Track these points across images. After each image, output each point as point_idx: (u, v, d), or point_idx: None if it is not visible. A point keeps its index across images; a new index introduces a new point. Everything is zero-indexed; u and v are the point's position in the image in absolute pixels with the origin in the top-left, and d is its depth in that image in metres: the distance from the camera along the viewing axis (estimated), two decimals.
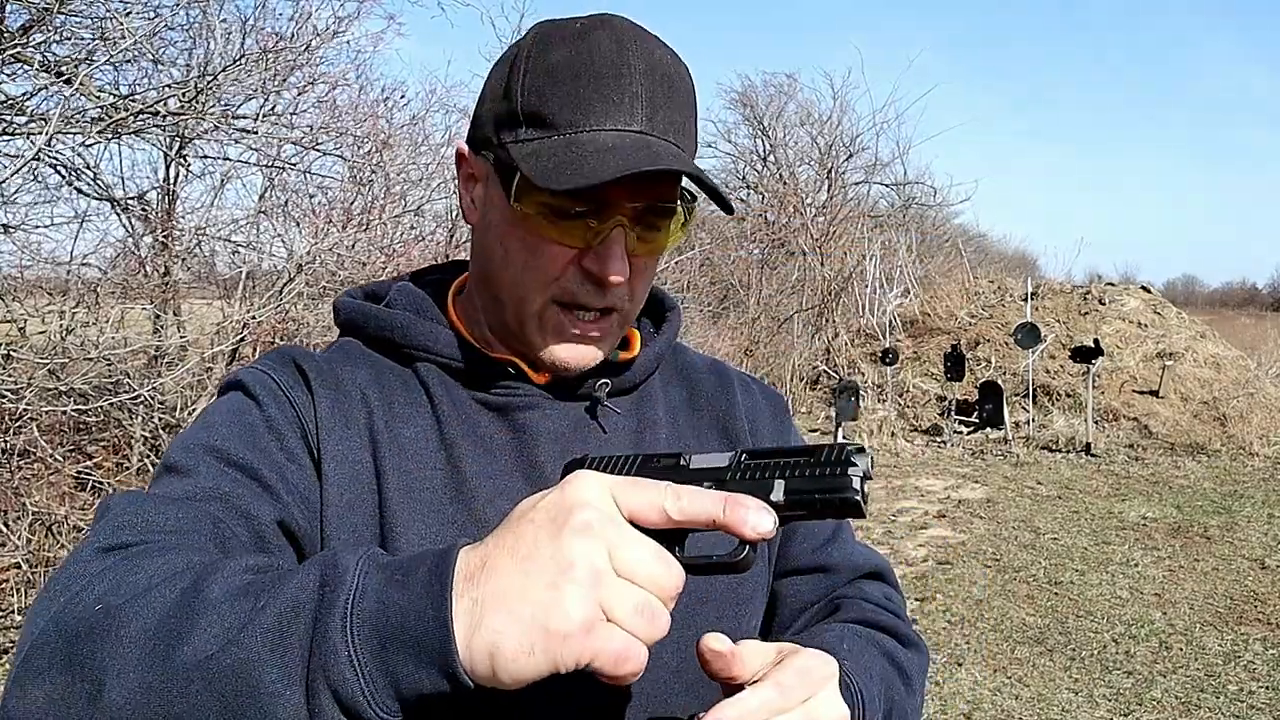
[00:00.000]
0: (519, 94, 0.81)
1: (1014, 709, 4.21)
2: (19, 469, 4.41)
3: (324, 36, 5.62)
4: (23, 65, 4.55)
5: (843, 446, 0.62)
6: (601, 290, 0.82)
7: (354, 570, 0.56)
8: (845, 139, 17.65)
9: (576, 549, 0.54)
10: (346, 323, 0.95)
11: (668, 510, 0.57)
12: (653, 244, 0.84)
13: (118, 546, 0.64)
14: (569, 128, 0.78)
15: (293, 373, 0.85)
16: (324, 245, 5.28)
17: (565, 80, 0.79)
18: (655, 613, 0.55)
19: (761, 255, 14.74)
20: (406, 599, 0.54)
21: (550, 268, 0.82)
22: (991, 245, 27.07)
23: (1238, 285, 78.72)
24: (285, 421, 0.81)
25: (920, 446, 10.41)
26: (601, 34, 0.81)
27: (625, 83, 0.79)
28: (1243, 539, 6.90)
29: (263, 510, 0.74)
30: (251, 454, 0.77)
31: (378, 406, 0.85)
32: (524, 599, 0.53)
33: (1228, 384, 10.78)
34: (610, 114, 0.79)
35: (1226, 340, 12.76)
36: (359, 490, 0.81)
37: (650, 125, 0.80)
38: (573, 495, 0.56)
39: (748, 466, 0.65)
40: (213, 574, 0.58)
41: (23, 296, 5.01)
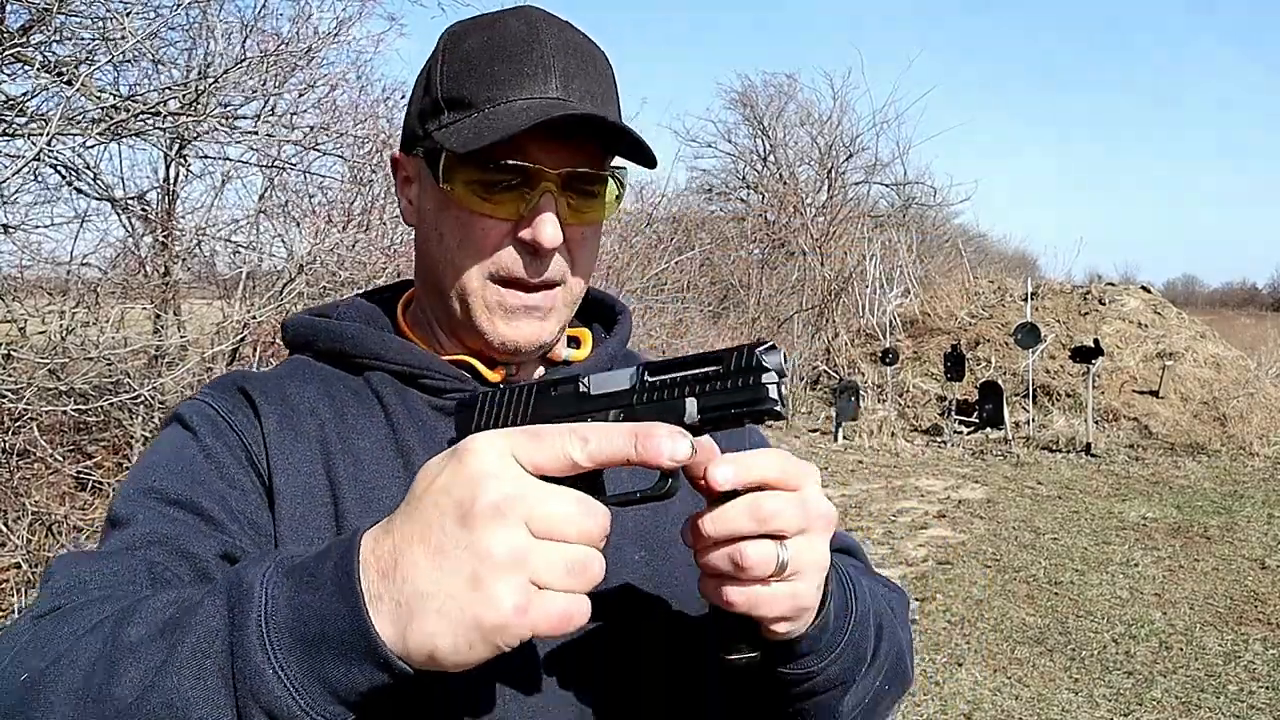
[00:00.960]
0: (438, 85, 0.84)
1: (1014, 709, 4.21)
2: (19, 469, 4.41)
3: (325, 38, 5.62)
4: (23, 65, 4.55)
5: (750, 349, 0.59)
6: (538, 259, 0.83)
7: (260, 583, 0.55)
8: (845, 139, 17.67)
9: (492, 537, 0.51)
10: (295, 339, 0.94)
11: (575, 459, 0.54)
12: (587, 214, 0.85)
13: (49, 611, 0.64)
14: (486, 103, 0.81)
15: (234, 396, 0.85)
16: (324, 245, 5.28)
17: (480, 63, 0.82)
18: (587, 563, 0.54)
19: (761, 255, 14.75)
20: (319, 600, 0.53)
21: (484, 242, 0.82)
22: (991, 245, 27.08)
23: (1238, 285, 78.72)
24: (225, 448, 0.80)
25: (920, 446, 10.41)
26: (511, 18, 0.84)
27: (537, 56, 0.81)
28: (1243, 539, 6.90)
29: (204, 546, 0.73)
30: (190, 488, 0.76)
31: (329, 419, 0.84)
32: (450, 599, 0.52)
33: (1228, 384, 10.79)
34: (524, 85, 0.81)
35: (1226, 340, 12.76)
36: (313, 503, 0.80)
37: (565, 93, 0.81)
38: (473, 469, 0.53)
39: (653, 386, 0.61)
40: (132, 616, 0.58)
41: (23, 296, 5.01)
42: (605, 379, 0.63)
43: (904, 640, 0.86)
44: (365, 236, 5.98)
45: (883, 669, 0.81)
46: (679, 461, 0.56)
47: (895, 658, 0.83)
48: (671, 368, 0.61)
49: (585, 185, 0.83)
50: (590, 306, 1.03)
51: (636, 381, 0.61)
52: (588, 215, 0.85)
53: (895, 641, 0.83)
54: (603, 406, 0.61)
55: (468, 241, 0.83)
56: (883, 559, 6.50)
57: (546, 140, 0.79)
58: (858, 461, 9.67)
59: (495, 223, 0.82)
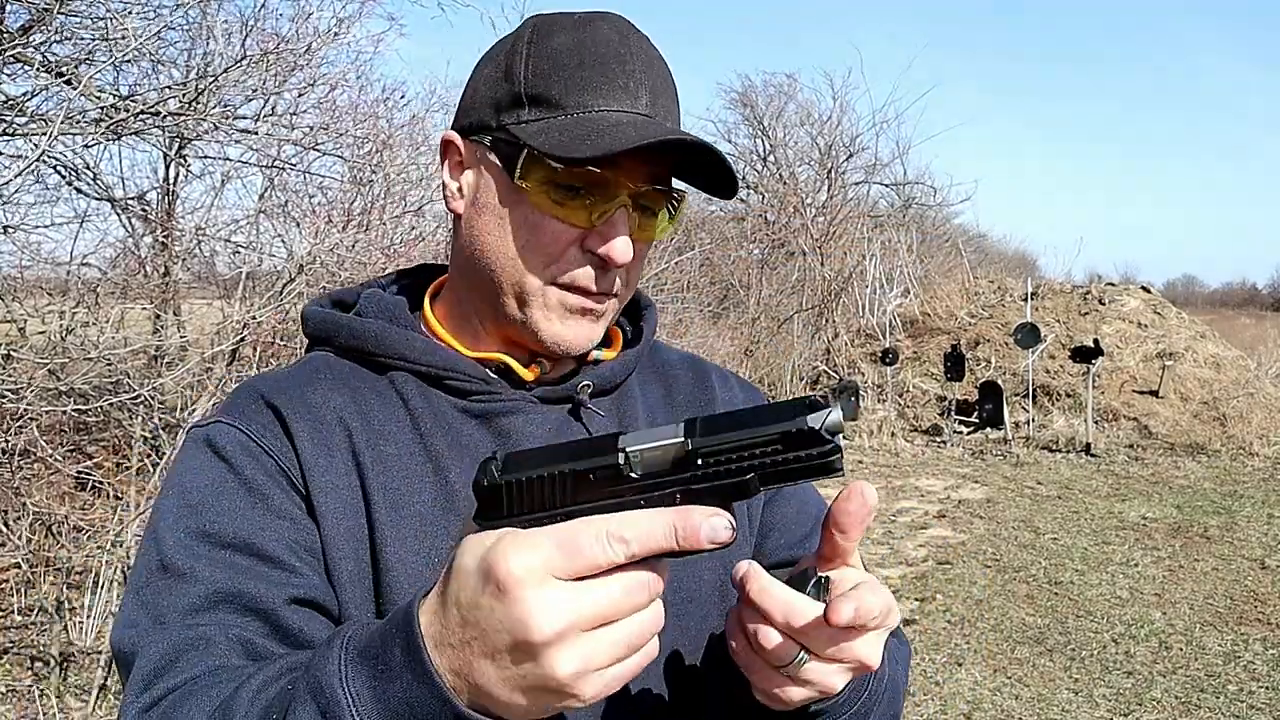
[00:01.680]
0: (521, 76, 0.81)
1: (1014, 709, 4.21)
2: (19, 469, 4.41)
3: (324, 37, 5.62)
4: (23, 65, 4.55)
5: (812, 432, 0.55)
6: (604, 271, 0.82)
7: (339, 684, 0.57)
8: (845, 139, 17.66)
9: (555, 663, 0.53)
10: (315, 333, 0.92)
11: (618, 562, 0.54)
12: (648, 231, 0.85)
13: (152, 705, 0.67)
14: (576, 108, 0.79)
15: (263, 415, 0.82)
16: (324, 246, 5.28)
17: (569, 64, 0.80)
18: (642, 633, 0.56)
19: (761, 255, 14.74)
20: (403, 690, 0.56)
21: (552, 247, 0.81)
22: (991, 245, 27.06)
23: (1238, 285, 78.71)
24: (266, 477, 0.79)
25: (920, 446, 10.41)
26: (602, 24, 0.83)
27: (629, 69, 0.81)
28: (1243, 539, 6.90)
29: (271, 593, 0.74)
30: (243, 529, 0.76)
31: (356, 427, 0.83)
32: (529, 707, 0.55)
33: (1228, 384, 10.78)
34: (616, 96, 0.80)
35: (1226, 340, 12.76)
36: (353, 517, 0.80)
37: (654, 110, 0.81)
38: (520, 609, 0.52)
39: (708, 464, 0.56)
40: (232, 712, 0.61)
41: (23, 296, 5.01)
42: (647, 448, 0.57)
43: (900, 703, 0.89)
44: (365, 236, 5.98)
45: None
46: (719, 544, 0.55)
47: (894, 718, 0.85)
48: (721, 429, 0.56)
49: (650, 203, 0.83)
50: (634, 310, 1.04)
51: (688, 455, 0.56)
52: (649, 233, 0.85)
53: (895, 704, 0.85)
54: (652, 489, 0.56)
55: (534, 243, 0.81)
56: (883, 559, 6.50)
57: (632, 155, 0.78)
58: (858, 461, 9.68)
59: (566, 228, 0.81)
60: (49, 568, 4.34)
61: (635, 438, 0.57)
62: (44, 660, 3.97)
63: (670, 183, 0.84)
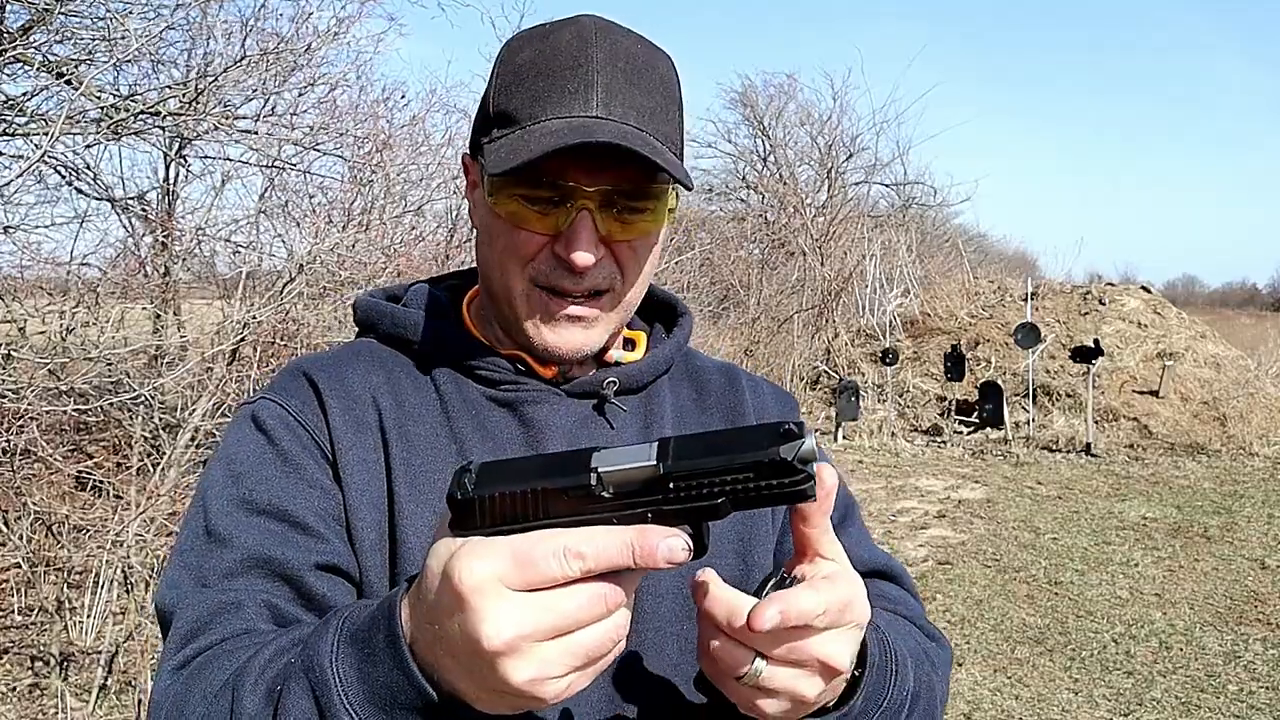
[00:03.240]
0: (491, 99, 0.86)
1: (1014, 709, 4.21)
2: (19, 469, 4.41)
3: (324, 37, 5.62)
4: (23, 65, 4.55)
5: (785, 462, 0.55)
6: (573, 274, 0.84)
7: (329, 663, 0.62)
8: (845, 139, 17.67)
9: (508, 671, 0.54)
10: (362, 320, 0.98)
11: (571, 577, 0.54)
12: (634, 226, 0.85)
13: (184, 665, 0.73)
14: (528, 120, 0.82)
15: (304, 392, 0.89)
16: (324, 245, 5.28)
17: (528, 78, 0.83)
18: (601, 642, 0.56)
19: (761, 255, 14.74)
20: (383, 674, 0.60)
21: (525, 249, 0.84)
22: (991, 245, 27.11)
23: (1238, 285, 78.74)
24: (302, 449, 0.85)
25: (920, 446, 10.41)
26: (565, 31, 0.84)
27: (582, 73, 0.82)
28: (1243, 539, 6.90)
29: (301, 559, 0.79)
30: (279, 497, 0.82)
31: (387, 406, 0.88)
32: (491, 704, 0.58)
33: (1228, 384, 10.78)
34: (564, 103, 0.81)
35: (1226, 340, 12.76)
36: (377, 488, 0.85)
37: (607, 110, 0.81)
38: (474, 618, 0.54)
39: (679, 488, 0.56)
40: (244, 680, 0.66)
41: (23, 296, 5.00)
42: (618, 469, 0.56)
43: (939, 706, 0.85)
44: (365, 236, 5.98)
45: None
46: (675, 564, 0.55)
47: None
48: (694, 454, 0.56)
49: (631, 200, 0.84)
50: (654, 307, 1.05)
51: (658, 479, 0.56)
52: (635, 228, 0.85)
53: (931, 713, 0.82)
54: (623, 509, 0.57)
55: (510, 246, 0.85)
56: None
57: (582, 161, 0.80)
58: (858, 461, 9.68)
59: (534, 235, 0.84)
60: (49, 568, 4.34)
61: (608, 457, 0.57)
62: (44, 660, 3.97)
63: (647, 179, 0.83)
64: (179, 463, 4.47)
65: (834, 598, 0.64)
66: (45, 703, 3.72)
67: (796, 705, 0.66)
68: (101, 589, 4.05)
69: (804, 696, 0.65)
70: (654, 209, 0.85)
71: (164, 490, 4.29)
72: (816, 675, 0.65)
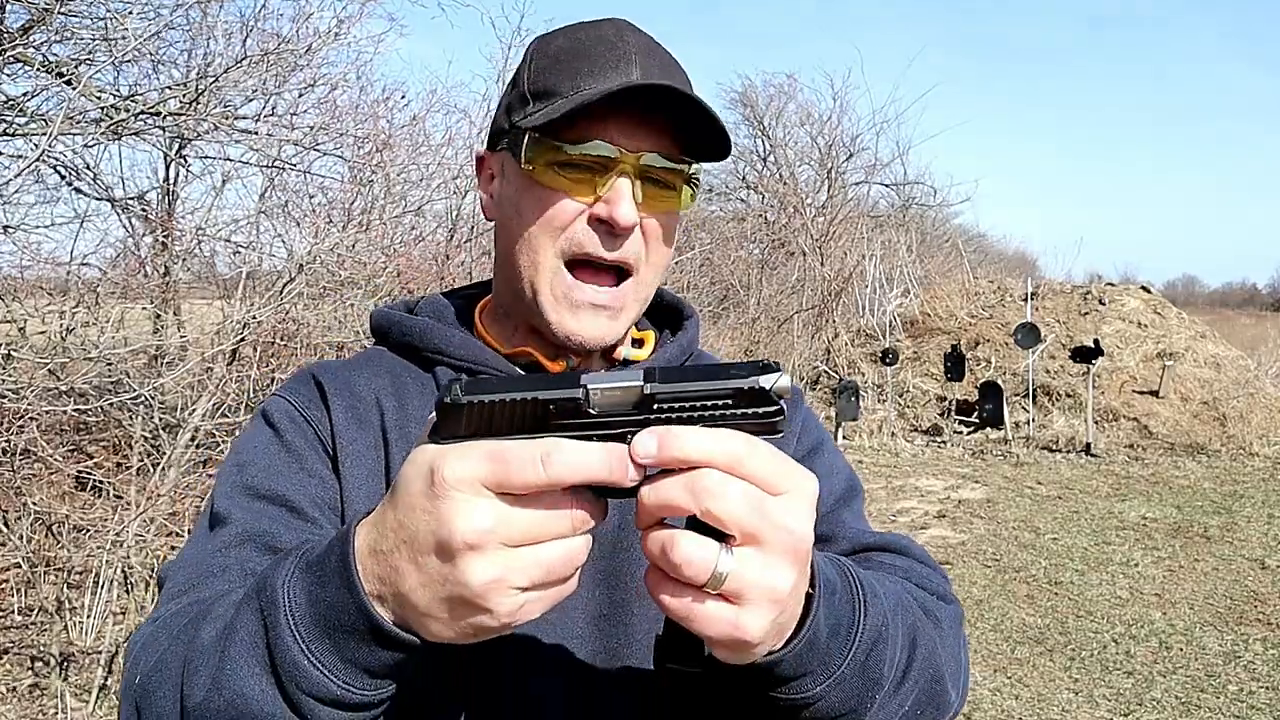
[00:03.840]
0: (526, 81, 0.89)
1: (1014, 709, 4.21)
2: (19, 469, 4.41)
3: (324, 37, 5.61)
4: (23, 65, 4.55)
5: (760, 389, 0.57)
6: (613, 238, 0.85)
7: (281, 585, 0.62)
8: (845, 139, 17.66)
9: (469, 570, 0.54)
10: (375, 329, 1.01)
11: (543, 481, 0.54)
12: (662, 203, 0.87)
13: (160, 617, 0.76)
14: (571, 90, 0.85)
15: (311, 391, 0.93)
16: (324, 245, 5.28)
17: (566, 59, 0.87)
18: (567, 557, 0.56)
19: (761, 255, 14.74)
20: (330, 594, 0.60)
21: (560, 217, 0.85)
22: (991, 245, 27.11)
23: (1238, 285, 78.77)
24: (304, 442, 0.89)
25: (920, 446, 10.41)
26: (599, 23, 0.90)
27: (619, 52, 0.86)
28: (1243, 539, 6.90)
29: (291, 536, 0.82)
30: (277, 483, 0.86)
31: (390, 408, 0.91)
32: (444, 615, 0.57)
33: (1228, 384, 10.78)
34: (607, 75, 0.85)
35: (1226, 340, 12.76)
36: (374, 484, 0.88)
37: (645, 79, 0.84)
38: (447, 508, 0.54)
39: (661, 410, 0.58)
40: (207, 616, 0.68)
41: (23, 296, 5.00)
42: (607, 386, 0.58)
43: (944, 661, 0.77)
44: (365, 236, 5.98)
45: (911, 694, 0.73)
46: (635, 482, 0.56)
47: (929, 681, 0.75)
48: (678, 380, 0.58)
49: (661, 175, 0.86)
50: (661, 311, 1.06)
51: (644, 399, 0.58)
52: (662, 204, 0.88)
53: (931, 663, 0.75)
54: (606, 428, 0.58)
55: (544, 217, 0.86)
56: None
57: (625, 125, 0.83)
58: (858, 461, 9.67)
59: (572, 201, 0.85)
60: (49, 568, 4.34)
61: (597, 378, 0.59)
62: (44, 660, 3.97)
63: (678, 155, 0.87)
64: (179, 463, 4.47)
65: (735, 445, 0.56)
66: (45, 703, 3.72)
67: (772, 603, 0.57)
68: (101, 589, 4.05)
69: (779, 591, 0.56)
70: (679, 189, 0.88)
71: (164, 490, 4.29)
72: (783, 558, 0.56)
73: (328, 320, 5.66)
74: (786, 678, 0.64)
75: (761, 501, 0.56)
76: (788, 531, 0.56)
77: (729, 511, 0.55)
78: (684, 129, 0.86)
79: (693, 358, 1.03)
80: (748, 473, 0.56)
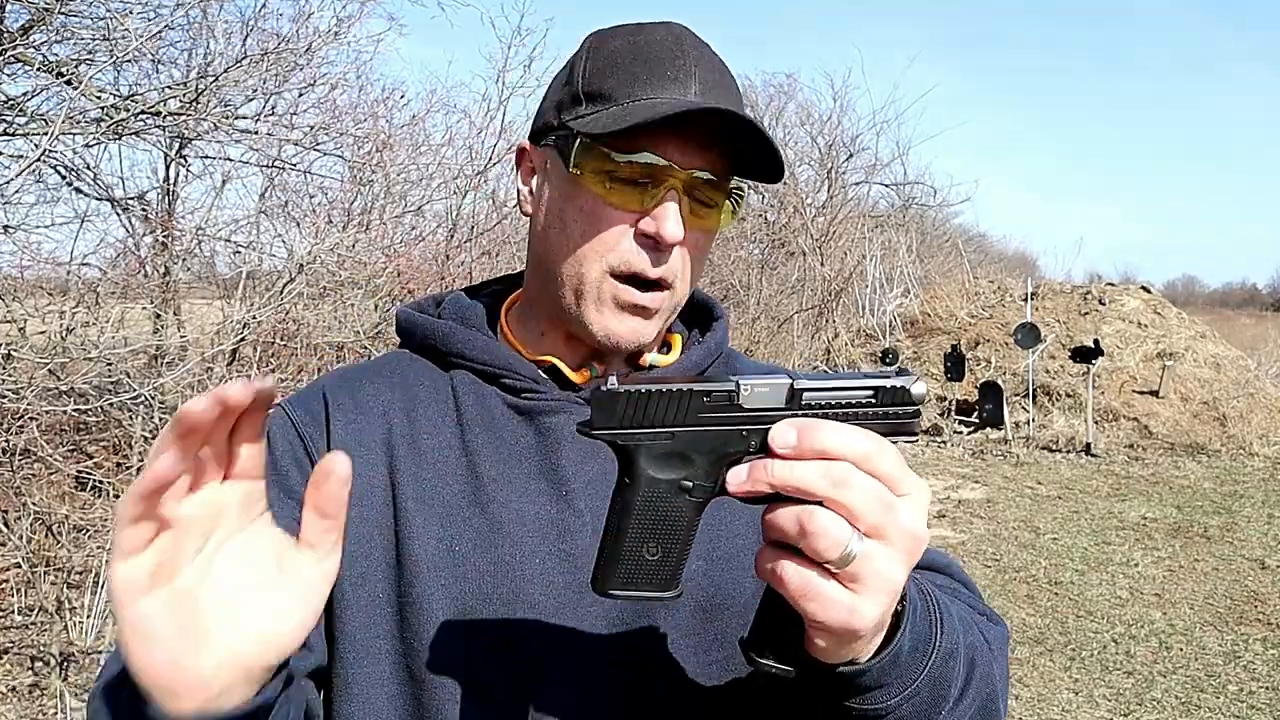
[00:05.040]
0: (580, 79, 0.87)
1: (1014, 709, 4.21)
2: (19, 469, 4.41)
3: (324, 37, 5.62)
4: (23, 65, 4.55)
5: (904, 387, 0.61)
6: (659, 253, 0.84)
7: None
8: (845, 139, 17.64)
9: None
10: (400, 331, 1.00)
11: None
12: (704, 220, 0.87)
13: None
14: (627, 98, 0.83)
15: (315, 405, 0.91)
16: (324, 245, 5.28)
17: (624, 63, 0.85)
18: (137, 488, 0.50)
19: (761, 255, 14.73)
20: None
21: (608, 234, 0.84)
22: (991, 245, 27.09)
23: (1238, 285, 78.79)
24: (290, 460, 0.87)
25: (920, 446, 10.41)
26: (659, 28, 0.88)
27: (680, 64, 0.84)
28: (1243, 539, 6.90)
29: None
30: None
31: (398, 421, 0.89)
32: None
33: (1228, 384, 10.78)
34: (665, 86, 0.83)
35: (1226, 340, 12.75)
36: (372, 503, 0.85)
37: (703, 98, 0.84)
38: None
39: (808, 406, 0.61)
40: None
41: (23, 296, 5.00)
42: (758, 382, 0.61)
43: (998, 679, 0.79)
44: (365, 236, 5.98)
45: (969, 711, 0.73)
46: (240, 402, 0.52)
47: (985, 699, 0.75)
48: (824, 389, 0.61)
49: (706, 193, 0.86)
50: (691, 309, 1.04)
51: (794, 394, 0.61)
52: (705, 221, 0.87)
53: (988, 681, 0.75)
54: (754, 422, 0.60)
55: (591, 233, 0.85)
56: None
57: (679, 141, 0.82)
58: None
59: (619, 213, 0.84)
60: (49, 568, 4.33)
61: (747, 378, 0.62)
62: (44, 660, 3.97)
63: (726, 175, 0.86)
64: None
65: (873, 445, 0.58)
66: (45, 703, 3.72)
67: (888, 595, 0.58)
68: (101, 589, 4.04)
69: (897, 584, 0.58)
70: (723, 207, 0.88)
71: None
72: (903, 556, 0.58)
73: (328, 320, 5.66)
74: (867, 688, 0.64)
75: (890, 499, 0.58)
76: (909, 532, 0.58)
77: (860, 503, 0.56)
78: (737, 150, 0.85)
79: (721, 358, 1.01)
80: (876, 469, 0.57)
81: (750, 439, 0.61)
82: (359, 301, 5.68)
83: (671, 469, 0.62)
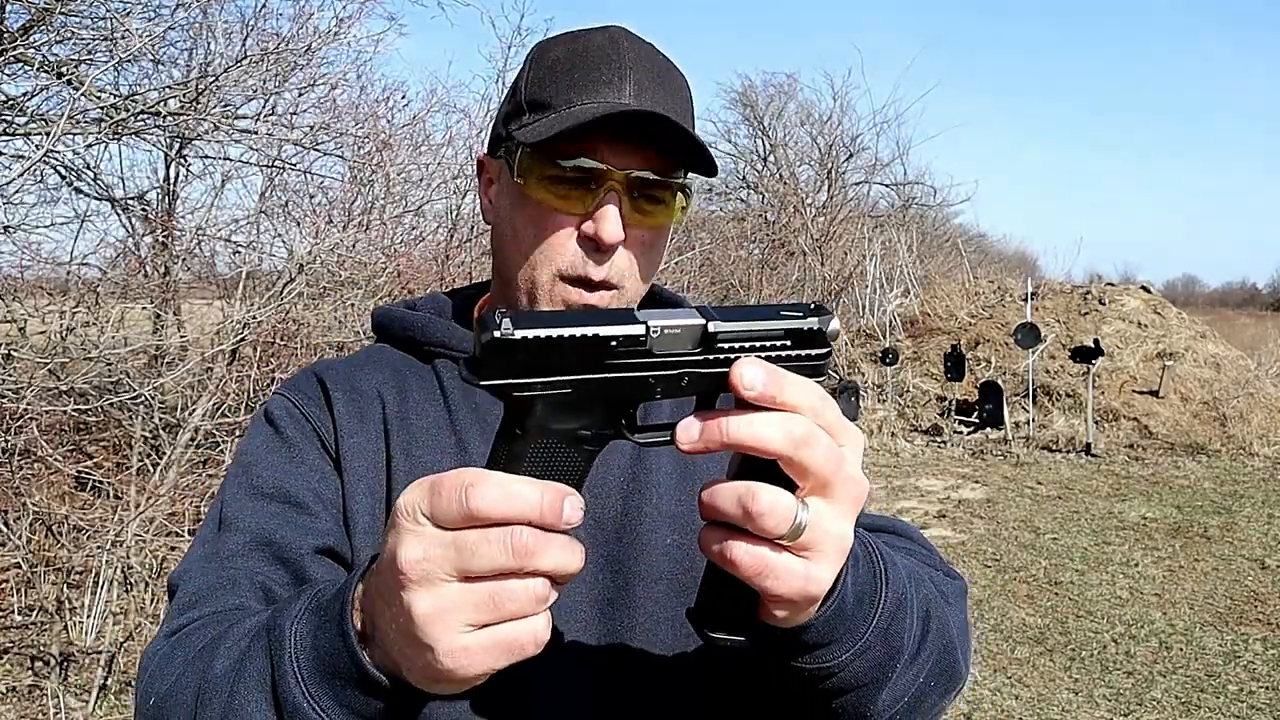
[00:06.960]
0: (523, 89, 0.91)
1: (1014, 709, 4.21)
2: (19, 469, 4.41)
3: (324, 37, 5.62)
4: (23, 65, 4.55)
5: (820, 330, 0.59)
6: (600, 254, 0.86)
7: (289, 626, 0.64)
8: (845, 139, 17.66)
9: (411, 599, 0.53)
10: (377, 326, 1.03)
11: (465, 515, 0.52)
12: (651, 217, 0.88)
13: (175, 631, 0.77)
14: (564, 105, 0.86)
15: (312, 388, 0.94)
16: (324, 245, 5.28)
17: (562, 70, 0.88)
18: (525, 591, 0.53)
19: (761, 255, 14.74)
20: (328, 641, 0.61)
21: (555, 240, 0.87)
22: (991, 245, 27.12)
23: (1238, 285, 78.74)
24: (303, 437, 0.91)
25: (920, 446, 10.41)
26: (597, 33, 0.91)
27: (615, 66, 0.87)
28: (1243, 539, 6.90)
29: (300, 540, 0.84)
30: (281, 479, 0.88)
31: (391, 401, 0.93)
32: (411, 656, 0.56)
33: (1228, 384, 10.78)
34: (599, 91, 0.86)
35: (1226, 340, 12.76)
36: (374, 477, 0.89)
37: (639, 101, 0.86)
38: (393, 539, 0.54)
39: (724, 348, 0.57)
40: (219, 647, 0.69)
41: (23, 296, 5.01)
42: (669, 324, 0.55)
43: (955, 633, 0.78)
44: (365, 236, 5.98)
45: (926, 665, 0.72)
46: (572, 525, 0.53)
47: (942, 652, 0.74)
48: (737, 318, 0.57)
49: (651, 190, 0.88)
50: (655, 305, 1.04)
51: (709, 335, 0.56)
52: (652, 219, 0.89)
53: (944, 634, 0.75)
54: (665, 369, 0.56)
55: (539, 237, 0.88)
56: None
57: (614, 143, 0.84)
58: None
59: (563, 218, 0.87)
60: (49, 568, 4.33)
61: (656, 314, 0.56)
62: (44, 660, 3.97)
63: (667, 171, 0.88)
64: (179, 463, 4.47)
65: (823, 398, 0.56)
66: (45, 703, 3.72)
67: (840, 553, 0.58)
68: (101, 589, 4.05)
69: (847, 540, 0.58)
70: (669, 203, 0.89)
71: (164, 490, 4.30)
72: (850, 508, 0.57)
73: (328, 320, 5.66)
74: (812, 645, 0.63)
75: (840, 452, 0.56)
76: (855, 482, 0.57)
77: (816, 460, 0.55)
78: (671, 148, 0.87)
79: None
80: (825, 421, 0.56)
81: (658, 386, 0.56)
82: (359, 301, 5.68)
83: (568, 419, 0.56)
